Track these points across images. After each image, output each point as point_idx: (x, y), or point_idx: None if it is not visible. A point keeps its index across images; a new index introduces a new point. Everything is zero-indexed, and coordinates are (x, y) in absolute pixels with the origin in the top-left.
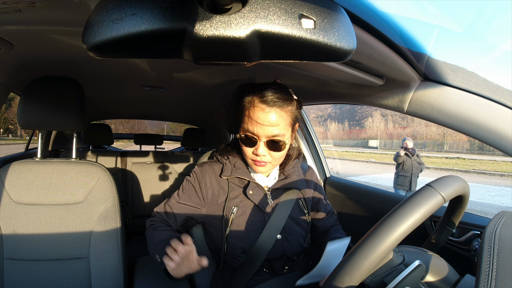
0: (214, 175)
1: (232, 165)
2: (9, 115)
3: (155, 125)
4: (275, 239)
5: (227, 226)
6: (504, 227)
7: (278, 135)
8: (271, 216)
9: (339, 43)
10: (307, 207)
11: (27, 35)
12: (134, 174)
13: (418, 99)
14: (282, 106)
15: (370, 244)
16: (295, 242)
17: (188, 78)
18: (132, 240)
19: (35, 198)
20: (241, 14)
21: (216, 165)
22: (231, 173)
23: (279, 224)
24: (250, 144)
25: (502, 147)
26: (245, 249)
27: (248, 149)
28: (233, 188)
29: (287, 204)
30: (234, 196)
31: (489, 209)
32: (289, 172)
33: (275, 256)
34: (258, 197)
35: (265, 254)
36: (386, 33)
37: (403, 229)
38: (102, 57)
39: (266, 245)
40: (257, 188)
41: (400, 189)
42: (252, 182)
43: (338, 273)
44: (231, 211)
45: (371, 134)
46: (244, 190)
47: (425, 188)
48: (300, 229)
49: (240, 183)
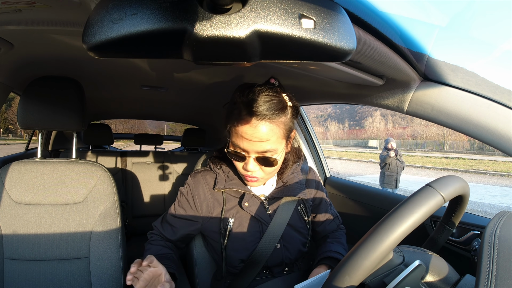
0: (208, 186)
1: (226, 175)
2: (9, 115)
3: (155, 125)
4: (274, 248)
5: (224, 238)
6: (504, 227)
7: (269, 150)
8: (269, 226)
9: (339, 43)
10: (306, 213)
11: (27, 35)
12: (134, 174)
13: (418, 99)
14: (273, 119)
15: (370, 244)
16: (294, 249)
17: (188, 78)
18: (132, 240)
19: (35, 198)
20: (241, 14)
21: (209, 175)
22: (224, 185)
23: (277, 233)
24: (239, 159)
25: (502, 147)
26: (243, 260)
27: (238, 164)
28: (229, 199)
29: (285, 212)
30: (230, 207)
31: (489, 209)
32: (288, 178)
33: (273, 263)
34: (255, 208)
35: (263, 262)
36: (386, 33)
37: (403, 229)
38: (102, 57)
39: (264, 254)
40: (253, 198)
41: (387, 187)
42: (248, 193)
43: (338, 273)
44: (228, 223)
45: (371, 134)
46: (240, 201)
47: (425, 188)
48: (299, 235)
49: (236, 194)
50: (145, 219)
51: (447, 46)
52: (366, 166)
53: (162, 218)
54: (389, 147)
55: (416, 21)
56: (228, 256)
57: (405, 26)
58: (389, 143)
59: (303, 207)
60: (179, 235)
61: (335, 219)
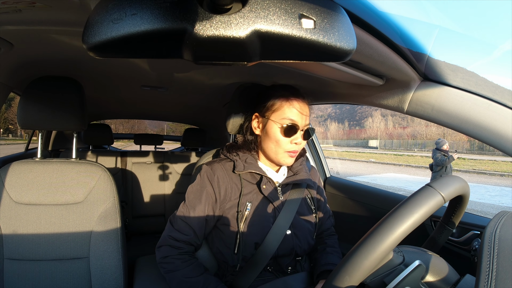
0: (226, 172)
1: (243, 161)
2: (9, 115)
3: (155, 125)
4: (285, 234)
5: (241, 222)
6: (504, 227)
7: (310, 124)
8: (281, 211)
9: (339, 43)
10: (314, 204)
11: (27, 35)
12: (134, 174)
13: (418, 99)
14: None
15: (370, 244)
16: (304, 239)
17: (188, 78)
18: (132, 240)
19: (35, 198)
20: (241, 14)
21: (227, 162)
22: (244, 169)
23: (288, 218)
24: (291, 133)
25: (502, 147)
26: (258, 243)
27: (285, 140)
28: (246, 184)
29: (295, 199)
30: (247, 192)
31: (489, 209)
32: (298, 168)
33: (284, 252)
34: (270, 192)
35: (274, 249)
36: (386, 33)
37: (403, 229)
38: (102, 57)
39: (276, 239)
40: (269, 183)
41: None
42: (265, 177)
43: (338, 273)
44: (246, 207)
45: (371, 134)
46: (258, 184)
47: (425, 188)
48: (308, 225)
49: (252, 179)
50: (145, 219)
51: (447, 46)
52: (366, 166)
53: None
54: (445, 148)
55: (416, 21)
56: (243, 240)
57: (405, 26)
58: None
59: (311, 198)
60: (201, 233)
61: (330, 218)
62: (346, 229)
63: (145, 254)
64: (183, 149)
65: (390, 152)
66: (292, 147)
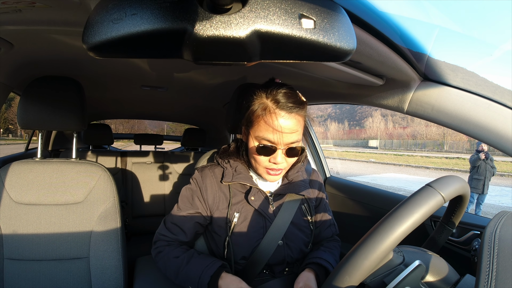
0: (215, 179)
1: (233, 170)
2: (9, 115)
3: (155, 125)
4: (276, 245)
5: (228, 232)
6: (504, 227)
7: (297, 141)
8: (273, 222)
9: (339, 43)
10: (310, 212)
11: (27, 35)
12: (134, 174)
13: (418, 99)
14: (299, 112)
15: (370, 244)
16: (296, 248)
17: (188, 78)
18: (132, 240)
19: (35, 198)
20: (241, 14)
21: (217, 169)
22: (232, 179)
23: (281, 230)
24: (267, 153)
25: (502, 147)
26: (245, 256)
27: (263, 158)
28: (235, 193)
29: (289, 209)
30: (236, 201)
31: (489, 209)
32: (293, 176)
33: (275, 261)
34: (260, 203)
35: (265, 260)
36: (386, 33)
37: (403, 229)
38: (102, 57)
39: (267, 251)
40: (259, 193)
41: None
42: (254, 188)
43: (338, 273)
44: (233, 217)
45: (371, 134)
46: (246, 195)
47: (425, 188)
48: (302, 234)
49: (242, 188)
50: (145, 219)
51: (447, 46)
52: (366, 166)
53: (165, 224)
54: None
55: (416, 21)
56: (230, 250)
57: (405, 26)
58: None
59: (307, 206)
60: (191, 233)
61: (331, 226)
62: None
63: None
64: (183, 149)
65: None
66: (271, 165)
